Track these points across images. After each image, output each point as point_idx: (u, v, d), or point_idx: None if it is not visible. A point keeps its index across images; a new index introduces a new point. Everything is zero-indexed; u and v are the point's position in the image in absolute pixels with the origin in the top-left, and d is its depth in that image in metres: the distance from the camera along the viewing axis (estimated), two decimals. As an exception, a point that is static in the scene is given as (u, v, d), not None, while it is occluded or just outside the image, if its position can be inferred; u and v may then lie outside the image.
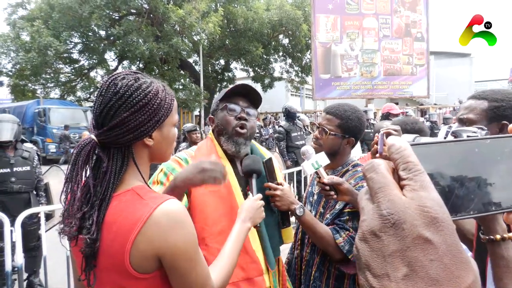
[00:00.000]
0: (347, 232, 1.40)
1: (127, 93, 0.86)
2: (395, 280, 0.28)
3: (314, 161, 1.39)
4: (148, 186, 0.94)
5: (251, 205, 1.18)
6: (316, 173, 1.41)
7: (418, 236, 0.28)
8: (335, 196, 1.38)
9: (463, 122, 1.23)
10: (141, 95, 0.87)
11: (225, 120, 1.37)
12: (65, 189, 0.87)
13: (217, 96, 1.48)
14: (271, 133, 11.43)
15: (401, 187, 0.32)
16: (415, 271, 0.27)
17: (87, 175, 0.86)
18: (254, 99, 1.45)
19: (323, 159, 1.39)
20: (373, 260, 0.29)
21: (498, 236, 0.68)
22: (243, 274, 1.27)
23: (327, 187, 1.38)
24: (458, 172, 0.39)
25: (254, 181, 1.28)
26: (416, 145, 0.37)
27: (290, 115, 5.97)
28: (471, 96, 1.26)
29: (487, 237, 0.69)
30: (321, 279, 1.51)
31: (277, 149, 6.34)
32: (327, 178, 1.38)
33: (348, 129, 1.52)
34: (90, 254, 0.82)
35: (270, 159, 1.43)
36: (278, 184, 1.41)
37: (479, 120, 1.18)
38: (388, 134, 1.54)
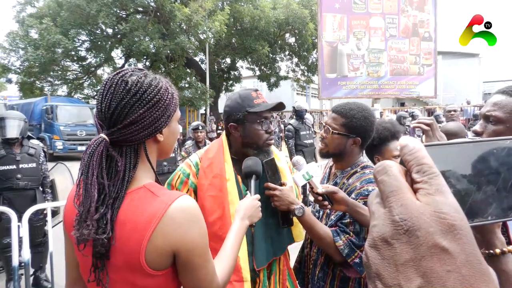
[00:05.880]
0: (347, 235, 1.38)
1: (141, 89, 0.86)
2: None
3: (305, 172, 1.37)
4: (159, 182, 0.95)
5: (250, 204, 1.19)
6: (309, 183, 1.38)
7: (434, 245, 0.26)
8: (329, 206, 1.36)
9: (487, 119, 1.09)
10: (155, 91, 0.88)
11: (257, 135, 1.43)
12: (77, 191, 0.86)
13: (239, 102, 1.44)
14: (276, 132, 11.42)
15: (415, 191, 0.29)
16: (431, 282, 0.25)
17: (100, 175, 0.85)
18: (275, 108, 1.48)
19: (314, 169, 1.37)
20: (384, 269, 0.27)
21: (497, 250, 0.64)
22: None
23: (320, 197, 1.35)
24: (475, 174, 0.37)
25: (253, 182, 1.29)
26: (430, 146, 0.35)
27: (298, 113, 5.98)
28: (501, 91, 1.12)
29: (486, 252, 0.66)
30: (324, 280, 1.49)
31: (283, 147, 6.34)
32: (320, 188, 1.35)
33: (353, 128, 1.47)
34: (103, 253, 0.82)
35: (272, 159, 1.43)
36: (281, 184, 1.40)
37: (507, 120, 1.05)
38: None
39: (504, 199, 0.38)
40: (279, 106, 1.47)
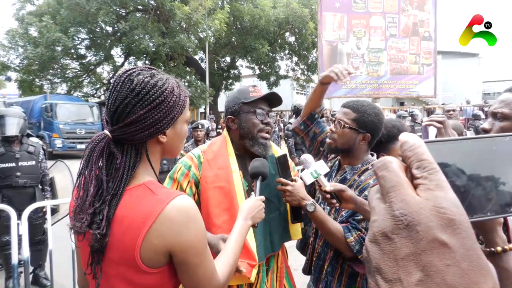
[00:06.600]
0: (359, 232, 1.39)
1: (144, 90, 0.86)
2: (408, 286, 0.26)
3: (313, 170, 1.37)
4: (159, 181, 0.95)
5: (253, 204, 1.20)
6: (317, 181, 1.39)
7: (433, 239, 0.26)
8: (337, 205, 1.37)
9: (495, 116, 1.13)
10: (158, 92, 0.87)
11: (252, 124, 1.45)
12: (77, 184, 0.87)
13: (236, 95, 1.52)
14: (275, 131, 11.44)
15: (415, 187, 0.30)
16: (430, 276, 0.26)
17: (100, 170, 0.86)
18: (273, 102, 1.52)
19: (322, 167, 1.38)
20: (385, 264, 0.28)
21: (499, 248, 0.65)
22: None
23: (329, 195, 1.36)
24: (474, 171, 0.37)
25: (258, 183, 1.30)
26: (430, 142, 0.35)
27: (299, 112, 5.97)
28: (508, 88, 1.16)
29: (487, 250, 0.67)
30: (333, 275, 1.51)
31: (282, 146, 6.31)
32: (328, 186, 1.36)
33: (364, 124, 1.48)
34: (98, 248, 0.82)
35: (284, 155, 1.46)
36: (292, 180, 1.42)
37: None
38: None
39: (503, 195, 0.38)
40: (274, 98, 1.49)
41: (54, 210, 3.43)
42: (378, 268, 0.28)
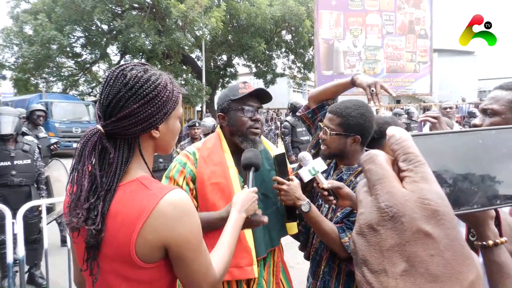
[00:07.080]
0: None
1: (137, 84, 0.86)
2: (393, 276, 0.26)
3: (311, 167, 1.37)
4: (153, 176, 0.95)
5: (246, 197, 1.19)
6: (315, 178, 1.39)
7: (417, 230, 0.27)
8: (334, 201, 1.37)
9: (486, 112, 1.18)
10: (151, 87, 0.87)
11: (240, 122, 1.45)
12: (70, 179, 0.87)
13: (226, 92, 1.53)
14: (272, 129, 11.43)
15: (401, 179, 0.30)
16: (415, 266, 0.26)
17: (93, 165, 0.86)
18: (263, 98, 1.52)
19: (320, 165, 1.38)
20: (371, 255, 0.28)
21: (490, 242, 0.66)
22: (235, 261, 1.30)
23: (326, 192, 1.36)
24: (461, 164, 0.37)
25: (251, 174, 1.29)
26: (417, 135, 0.35)
27: (295, 110, 5.96)
28: (498, 86, 1.21)
29: (479, 243, 0.68)
30: (330, 274, 1.52)
31: (279, 144, 6.31)
32: (325, 183, 1.36)
33: (349, 127, 1.46)
34: (94, 244, 0.83)
35: (283, 154, 1.46)
36: (289, 179, 1.41)
37: (503, 111, 1.13)
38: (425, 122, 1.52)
39: (489, 188, 0.39)
40: (263, 94, 1.48)
41: (50, 209, 3.41)
42: (364, 259, 0.29)
